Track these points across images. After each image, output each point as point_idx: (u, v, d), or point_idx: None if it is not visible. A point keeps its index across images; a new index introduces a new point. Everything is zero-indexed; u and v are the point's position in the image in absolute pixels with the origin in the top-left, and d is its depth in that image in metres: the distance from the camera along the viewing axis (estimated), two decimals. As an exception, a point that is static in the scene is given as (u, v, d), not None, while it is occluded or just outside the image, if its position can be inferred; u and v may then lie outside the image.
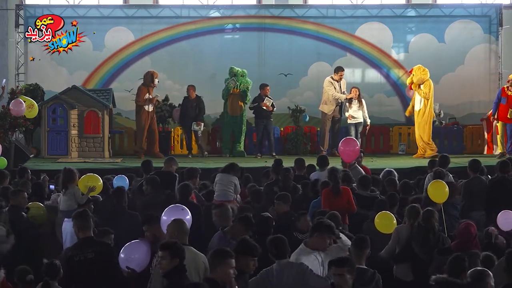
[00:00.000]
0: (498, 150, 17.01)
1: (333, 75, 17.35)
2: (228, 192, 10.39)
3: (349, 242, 7.44)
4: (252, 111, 17.59)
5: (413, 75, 17.02)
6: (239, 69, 17.64)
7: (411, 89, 17.30)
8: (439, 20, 19.79)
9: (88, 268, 7.24)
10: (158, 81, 17.31)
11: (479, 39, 19.74)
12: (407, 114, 17.68)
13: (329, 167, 11.21)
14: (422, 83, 16.92)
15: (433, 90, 17.29)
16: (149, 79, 17.16)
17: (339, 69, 17.38)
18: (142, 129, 17.28)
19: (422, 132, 17.02)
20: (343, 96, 17.18)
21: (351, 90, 17.36)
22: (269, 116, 17.44)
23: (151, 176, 10.66)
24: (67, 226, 9.14)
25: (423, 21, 19.89)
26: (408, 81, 17.44)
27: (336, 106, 17.29)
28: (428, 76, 16.98)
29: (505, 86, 16.89)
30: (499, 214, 9.21)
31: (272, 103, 17.35)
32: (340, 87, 17.28)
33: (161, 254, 6.53)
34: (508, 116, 16.43)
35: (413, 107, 17.23)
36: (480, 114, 19.03)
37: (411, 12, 20.01)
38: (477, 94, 19.70)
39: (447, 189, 9.40)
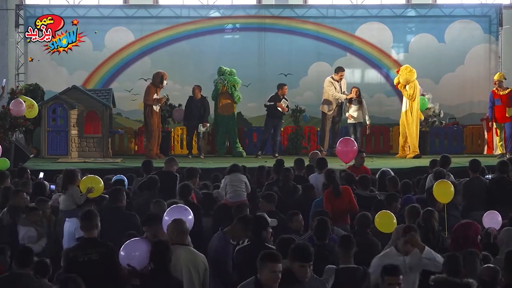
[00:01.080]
0: (498, 151, 17.03)
1: (333, 75, 17.35)
2: (241, 192, 10.39)
3: (437, 257, 7.24)
4: (266, 109, 17.52)
5: (400, 75, 17.05)
6: (227, 68, 17.61)
7: (398, 88, 17.33)
8: (439, 20, 19.79)
9: (92, 269, 7.16)
10: (167, 83, 17.23)
11: (479, 39, 19.74)
12: None
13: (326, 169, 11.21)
14: (408, 84, 16.92)
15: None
16: (158, 80, 17.04)
17: (339, 69, 17.38)
18: (153, 129, 17.00)
19: (410, 133, 17.02)
20: (343, 96, 17.18)
21: (351, 90, 17.37)
22: (281, 117, 17.41)
23: (151, 176, 10.68)
24: (66, 226, 9.16)
25: (423, 21, 19.89)
26: (395, 81, 17.46)
27: (336, 106, 17.28)
28: (415, 77, 16.97)
29: (494, 88, 16.94)
30: (484, 214, 9.20)
31: (287, 104, 17.33)
32: (341, 87, 17.28)
33: None
34: (507, 114, 16.46)
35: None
36: (480, 114, 19.04)
37: (411, 12, 20.01)
38: (477, 94, 19.68)
39: (452, 189, 9.40)
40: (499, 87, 16.67)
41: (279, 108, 17.17)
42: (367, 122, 17.46)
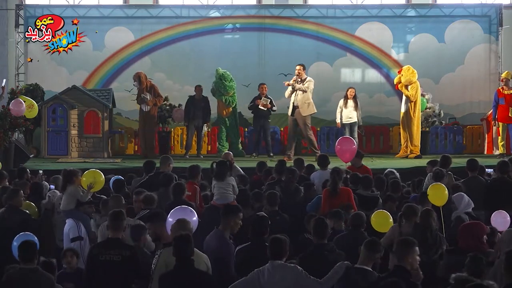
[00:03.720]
0: (498, 151, 17.02)
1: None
2: (227, 194, 10.37)
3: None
4: (251, 111, 17.56)
5: (402, 75, 17.01)
6: (225, 71, 17.38)
7: (397, 89, 17.29)
8: (439, 20, 19.78)
9: (112, 270, 7.21)
10: (134, 82, 17.31)
11: (479, 39, 19.74)
12: None
13: (330, 167, 11.21)
14: (410, 84, 16.91)
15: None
16: None
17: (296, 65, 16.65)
18: (139, 130, 17.55)
19: (412, 134, 16.99)
20: (289, 89, 16.31)
21: (347, 90, 17.30)
22: (266, 116, 17.34)
23: (167, 173, 10.74)
24: (65, 226, 9.18)
25: (423, 21, 19.88)
26: (395, 81, 17.40)
27: (294, 107, 16.25)
28: (416, 78, 16.96)
29: (499, 87, 16.93)
30: (493, 214, 9.20)
31: (271, 100, 17.18)
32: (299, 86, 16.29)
33: None
34: (510, 114, 16.45)
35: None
36: (480, 114, 19.04)
37: (411, 12, 20.00)
38: (477, 94, 19.70)
39: (446, 191, 9.35)
40: (505, 85, 16.63)
41: (260, 106, 17.05)
42: (360, 122, 17.23)
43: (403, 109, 17.08)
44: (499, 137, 16.94)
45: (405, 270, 6.51)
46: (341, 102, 17.22)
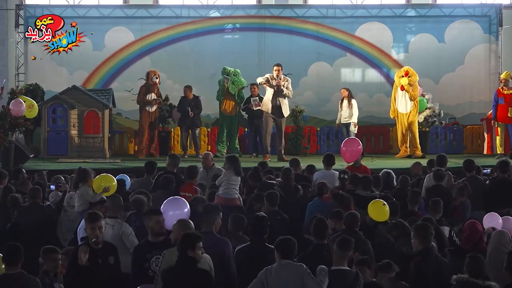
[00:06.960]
0: (497, 151, 17.02)
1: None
2: (233, 190, 10.39)
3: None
4: (245, 112, 17.57)
5: (409, 76, 16.94)
6: (231, 68, 17.58)
7: (402, 90, 17.11)
8: (439, 20, 19.79)
9: None
10: (157, 78, 17.29)
11: (479, 39, 19.74)
12: (391, 115, 17.54)
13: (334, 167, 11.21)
14: (413, 85, 16.93)
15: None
16: (147, 78, 17.34)
17: (274, 65, 16.21)
18: (140, 130, 17.47)
19: (415, 133, 16.99)
20: (259, 79, 16.13)
21: (341, 91, 17.31)
22: (260, 116, 17.28)
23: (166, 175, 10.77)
24: (79, 226, 9.20)
25: (423, 21, 19.89)
26: (403, 82, 17.07)
27: (273, 106, 15.91)
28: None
29: (499, 87, 16.95)
30: (484, 217, 9.10)
31: (256, 102, 16.88)
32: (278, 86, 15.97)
33: None
34: (509, 114, 16.46)
35: (395, 109, 17.18)
36: (480, 114, 19.04)
37: (411, 12, 20.00)
38: (477, 94, 19.70)
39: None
40: (505, 85, 16.66)
41: (253, 108, 17.03)
42: (355, 121, 17.19)
43: (405, 110, 17.00)
44: (498, 137, 16.94)
45: None
46: (340, 103, 17.27)
